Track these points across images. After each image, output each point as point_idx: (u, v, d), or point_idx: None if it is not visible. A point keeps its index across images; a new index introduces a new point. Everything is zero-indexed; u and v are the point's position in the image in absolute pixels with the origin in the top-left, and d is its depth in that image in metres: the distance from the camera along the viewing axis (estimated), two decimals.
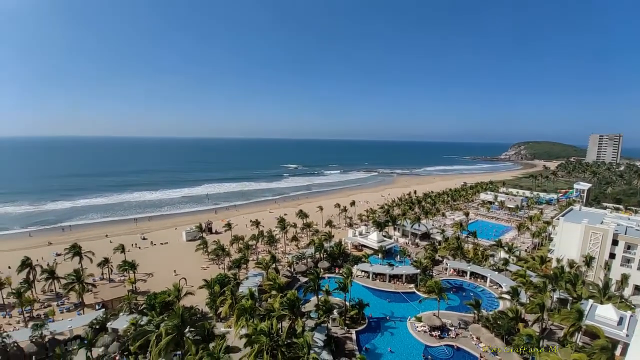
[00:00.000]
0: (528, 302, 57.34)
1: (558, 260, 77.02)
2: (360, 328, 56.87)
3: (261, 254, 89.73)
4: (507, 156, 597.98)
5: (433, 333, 54.90)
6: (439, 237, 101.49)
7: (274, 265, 74.90)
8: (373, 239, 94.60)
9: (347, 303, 59.91)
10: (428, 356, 49.88)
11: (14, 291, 60.75)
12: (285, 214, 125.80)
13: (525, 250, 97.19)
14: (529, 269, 74.14)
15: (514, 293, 59.27)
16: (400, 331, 56.77)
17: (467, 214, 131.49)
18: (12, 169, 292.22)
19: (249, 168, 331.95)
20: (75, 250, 77.57)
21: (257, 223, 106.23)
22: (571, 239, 79.40)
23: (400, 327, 57.79)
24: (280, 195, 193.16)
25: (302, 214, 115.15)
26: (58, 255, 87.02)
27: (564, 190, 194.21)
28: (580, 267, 74.03)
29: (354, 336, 54.67)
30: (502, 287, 69.79)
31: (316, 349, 46.33)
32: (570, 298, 61.12)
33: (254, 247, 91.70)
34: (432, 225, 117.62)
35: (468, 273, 77.80)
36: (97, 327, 53.75)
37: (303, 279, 74.37)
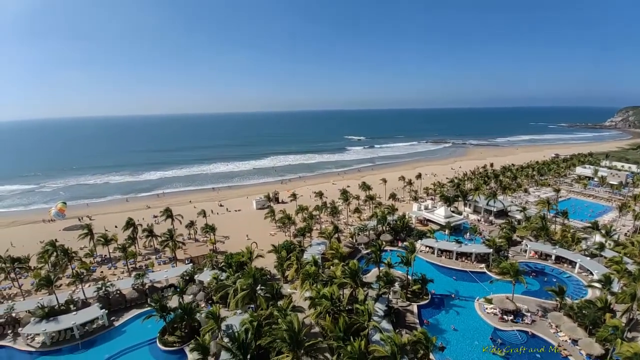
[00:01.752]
0: (620, 291, 49.65)
1: None
2: (422, 303, 55.91)
3: (324, 224, 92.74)
4: (612, 123, 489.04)
5: (505, 317, 51.24)
6: (518, 216, 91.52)
7: (336, 235, 76.97)
8: (440, 214, 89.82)
9: (410, 277, 59.05)
10: (497, 339, 47.05)
11: (119, 246, 74.16)
12: (348, 186, 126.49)
13: (625, 235, 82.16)
14: (627, 255, 63.34)
15: (606, 281, 51.70)
16: (467, 311, 54.23)
17: (557, 191, 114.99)
18: (108, 145, 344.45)
19: (312, 140, 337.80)
20: (168, 214, 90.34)
21: (320, 194, 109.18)
22: None
23: (466, 307, 55.16)
24: (344, 168, 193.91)
25: (365, 186, 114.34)
26: (155, 217, 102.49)
27: None
28: None
29: (415, 310, 54.15)
30: (593, 275, 60.94)
31: (376, 318, 47.26)
32: None
33: (317, 217, 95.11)
34: (511, 202, 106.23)
35: (553, 257, 69.33)
36: (187, 278, 62.99)
37: (365, 251, 75.15)
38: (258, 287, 51.34)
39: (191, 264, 70.23)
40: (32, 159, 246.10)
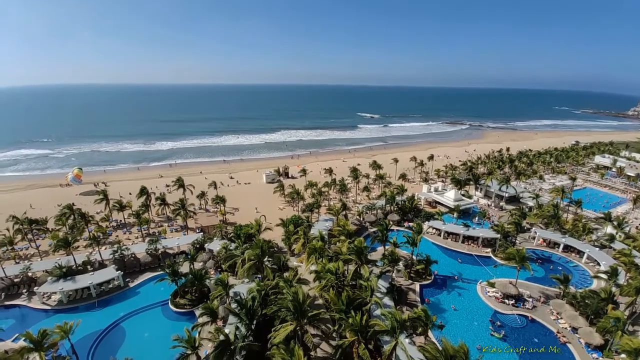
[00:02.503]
0: (625, 284, 49.49)
1: None
2: (425, 283, 56.94)
3: (332, 201, 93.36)
4: (635, 112, 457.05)
5: (506, 301, 51.95)
6: (530, 203, 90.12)
7: (344, 213, 77.64)
8: (449, 196, 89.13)
9: (414, 257, 59.78)
10: (497, 322, 48.00)
11: (134, 213, 76.54)
12: (358, 164, 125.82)
13: (637, 227, 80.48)
14: (636, 249, 62.44)
15: (613, 273, 51.67)
16: (469, 293, 55.11)
17: (573, 179, 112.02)
18: (120, 114, 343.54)
19: (325, 116, 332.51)
20: (180, 183, 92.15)
21: (330, 171, 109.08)
22: None
23: (469, 289, 56.00)
24: (355, 145, 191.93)
25: (375, 165, 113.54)
26: (167, 186, 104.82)
27: None
28: None
29: (417, 289, 55.26)
30: (600, 266, 60.55)
31: (378, 294, 48.49)
32: None
33: (326, 193, 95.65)
34: (524, 188, 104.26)
35: (561, 246, 68.76)
36: (198, 246, 65.25)
37: (371, 229, 75.90)
38: (265, 259, 52.93)
39: (202, 233, 72.41)
40: (45, 125, 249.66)
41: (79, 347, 40.90)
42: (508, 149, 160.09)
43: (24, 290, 54.26)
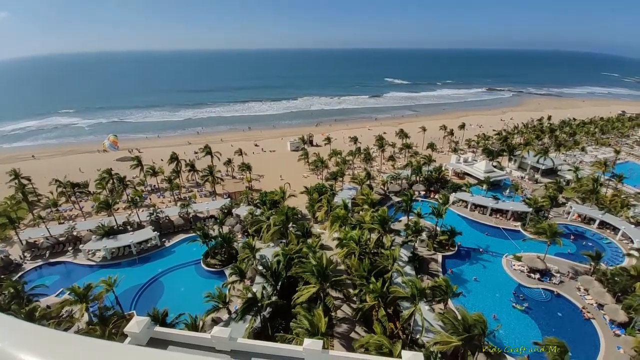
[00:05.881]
0: None
1: None
2: (448, 253, 56.75)
3: (357, 170, 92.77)
4: None
5: (532, 275, 50.97)
6: (569, 176, 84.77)
7: (368, 182, 77.22)
8: (480, 168, 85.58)
9: (438, 228, 59.21)
10: (520, 295, 47.58)
11: (166, 178, 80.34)
12: (384, 133, 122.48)
13: None
14: None
15: None
16: (493, 265, 54.51)
17: (617, 152, 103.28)
18: (146, 82, 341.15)
19: (350, 83, 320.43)
20: (207, 150, 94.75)
21: (355, 139, 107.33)
22: None
23: (493, 262, 55.31)
24: (381, 113, 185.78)
25: (402, 134, 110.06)
26: (196, 153, 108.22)
27: None
28: None
29: (439, 259, 55.32)
30: (633, 243, 57.35)
31: (400, 262, 49.14)
32: None
33: (350, 162, 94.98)
34: (564, 160, 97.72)
35: (596, 222, 65.15)
36: (226, 211, 68.23)
37: (396, 199, 75.35)
38: (289, 225, 54.64)
39: (229, 199, 75.32)
40: (71, 94, 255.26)
41: (122, 299, 45.40)
42: (549, 118, 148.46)
43: (70, 248, 59.51)
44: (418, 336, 36.13)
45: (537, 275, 50.73)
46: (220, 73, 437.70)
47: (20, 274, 52.99)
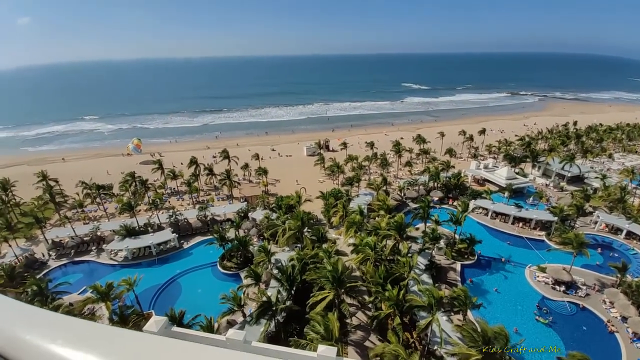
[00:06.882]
0: None
1: None
2: (467, 262, 55.07)
3: (373, 175, 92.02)
4: None
5: (557, 287, 48.68)
6: (595, 184, 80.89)
7: (384, 188, 76.35)
8: (501, 174, 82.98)
9: (457, 236, 57.64)
10: (544, 307, 45.49)
11: (185, 181, 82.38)
12: (401, 138, 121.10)
13: None
14: None
15: None
16: (515, 276, 52.43)
17: None
18: (166, 89, 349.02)
19: (367, 88, 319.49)
20: (225, 155, 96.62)
21: (371, 145, 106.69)
22: None
23: (516, 273, 53.21)
24: (399, 118, 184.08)
25: (420, 139, 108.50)
26: (214, 157, 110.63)
27: None
28: None
29: (458, 268, 53.74)
30: None
31: (417, 270, 48.05)
32: None
33: (367, 167, 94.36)
34: (591, 168, 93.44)
35: (623, 232, 61.73)
36: (242, 214, 69.10)
37: (412, 205, 74.07)
38: (305, 229, 54.63)
39: (245, 203, 76.31)
40: (95, 101, 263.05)
41: (141, 298, 46.48)
42: (575, 123, 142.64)
43: (93, 248, 61.84)
44: (436, 347, 35.09)
45: (563, 288, 48.45)
46: (237, 80, 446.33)
47: (44, 271, 55.36)
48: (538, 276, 51.23)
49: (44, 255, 59.68)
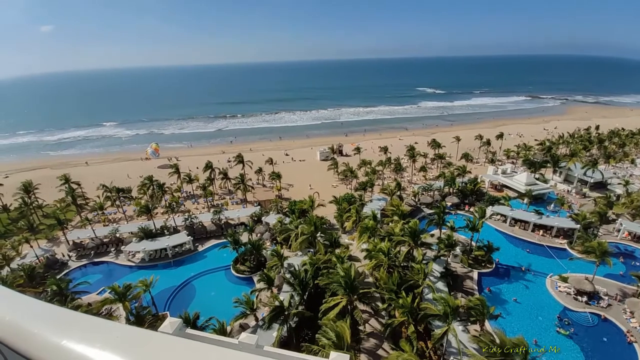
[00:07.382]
0: None
1: None
2: (484, 271, 53.53)
3: (387, 180, 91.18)
4: None
5: (579, 297, 46.67)
6: (619, 190, 77.51)
7: (398, 193, 75.52)
8: (520, 180, 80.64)
9: (474, 243, 56.21)
10: (565, 319, 43.67)
11: (200, 185, 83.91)
12: (416, 142, 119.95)
13: None
14: None
15: None
16: (536, 285, 50.58)
17: None
18: (182, 95, 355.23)
19: (380, 93, 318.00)
20: (239, 159, 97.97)
21: (385, 149, 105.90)
22: None
23: (536, 282, 51.32)
24: (413, 123, 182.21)
25: (435, 144, 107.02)
26: (229, 161, 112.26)
27: None
28: None
29: (475, 276, 52.28)
30: None
31: (432, 278, 47.06)
32: None
33: (380, 172, 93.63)
34: (614, 173, 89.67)
35: None
36: (256, 218, 69.64)
37: (427, 211, 72.88)
38: (318, 234, 54.50)
39: (259, 207, 76.92)
40: (114, 107, 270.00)
41: (157, 299, 47.32)
42: (597, 127, 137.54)
43: (112, 249, 63.41)
44: (452, 358, 34.13)
45: (585, 298, 46.42)
46: (252, 85, 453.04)
47: (65, 272, 57.16)
48: (560, 286, 49.26)
49: (64, 256, 61.75)
